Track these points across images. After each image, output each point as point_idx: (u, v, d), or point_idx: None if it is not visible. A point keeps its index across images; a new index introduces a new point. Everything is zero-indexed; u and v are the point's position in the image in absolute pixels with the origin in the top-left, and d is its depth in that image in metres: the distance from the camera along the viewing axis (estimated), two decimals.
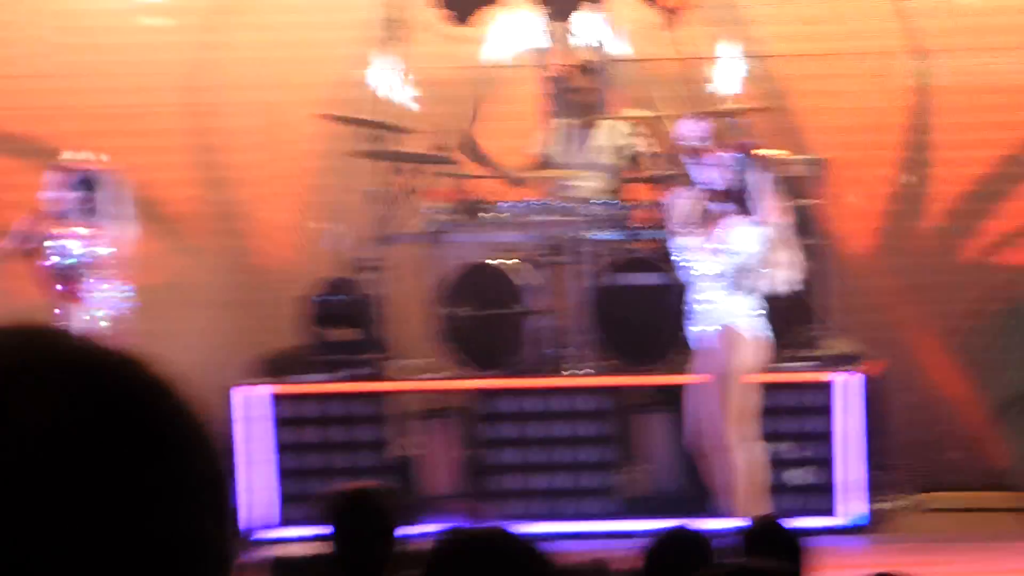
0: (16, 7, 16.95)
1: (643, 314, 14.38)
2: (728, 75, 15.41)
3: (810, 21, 16.58)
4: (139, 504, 1.73)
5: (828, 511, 14.13)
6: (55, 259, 13.80)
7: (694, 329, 13.25)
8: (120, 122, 16.58)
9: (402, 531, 6.86)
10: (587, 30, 16.27)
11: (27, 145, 16.72)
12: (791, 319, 14.38)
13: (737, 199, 13.14)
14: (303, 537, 11.43)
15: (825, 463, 14.21)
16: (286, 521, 14.07)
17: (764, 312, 13.16)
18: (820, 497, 14.22)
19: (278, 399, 14.55)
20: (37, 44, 16.83)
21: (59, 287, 13.82)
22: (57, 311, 13.47)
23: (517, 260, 14.72)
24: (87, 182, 13.83)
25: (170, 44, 16.79)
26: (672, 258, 13.79)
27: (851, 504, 14.16)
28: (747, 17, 16.37)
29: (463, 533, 4.07)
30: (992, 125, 16.63)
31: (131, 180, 16.21)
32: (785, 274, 13.21)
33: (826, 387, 14.22)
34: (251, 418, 14.48)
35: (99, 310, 13.64)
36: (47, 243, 13.99)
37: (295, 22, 16.76)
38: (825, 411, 14.27)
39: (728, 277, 13.04)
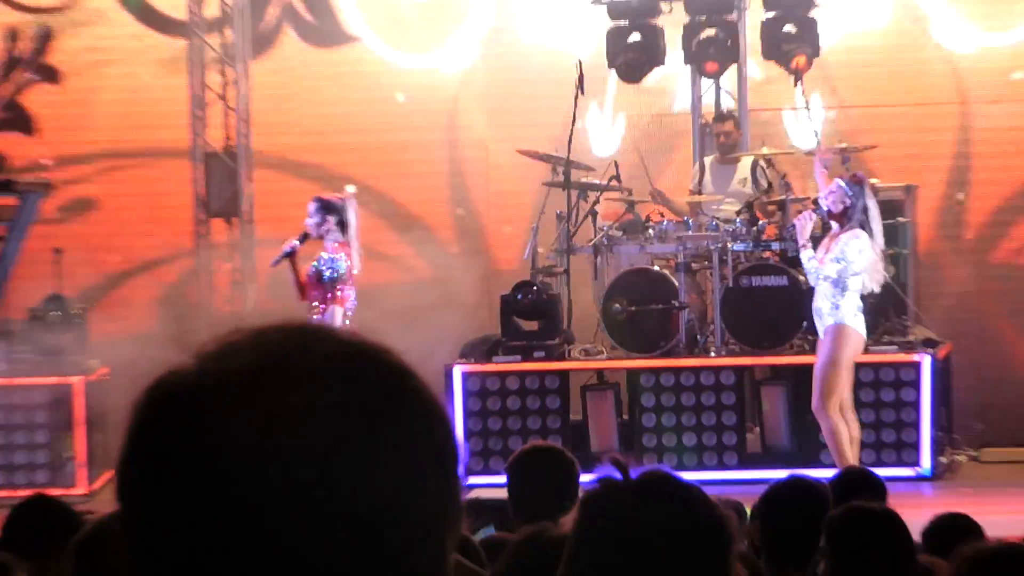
0: (310, 79, 16.92)
1: (768, 309, 14.16)
2: (830, 121, 15.30)
3: (880, 78, 16.39)
4: (412, 464, 1.69)
5: (916, 463, 13.89)
6: (314, 269, 13.63)
7: (816, 323, 13.04)
8: (391, 157, 16.64)
9: (574, 482, 6.68)
10: (732, 86, 16.22)
11: (320, 172, 16.72)
12: (887, 311, 14.34)
13: (849, 218, 12.96)
14: (490, 484, 11.26)
15: (912, 425, 13.97)
16: (471, 472, 13.78)
17: (863, 310, 12.93)
18: (909, 450, 13.98)
19: (472, 375, 14.39)
20: (332, 103, 16.84)
21: (317, 291, 13.66)
22: (314, 311, 13.37)
23: (670, 267, 14.55)
24: (336, 209, 13.84)
25: (426, 100, 16.72)
26: (796, 265, 13.68)
27: (927, 457, 13.95)
28: (837, 75, 16.19)
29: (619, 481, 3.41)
30: (1018, 164, 16.39)
31: (397, 201, 16.30)
32: (879, 277, 13.14)
33: (916, 365, 13.98)
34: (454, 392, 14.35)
35: (346, 309, 13.62)
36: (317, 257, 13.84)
37: (519, 79, 16.57)
38: (914, 384, 13.99)
39: (837, 282, 12.84)
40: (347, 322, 13.42)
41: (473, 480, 13.20)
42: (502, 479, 6.97)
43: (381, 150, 16.72)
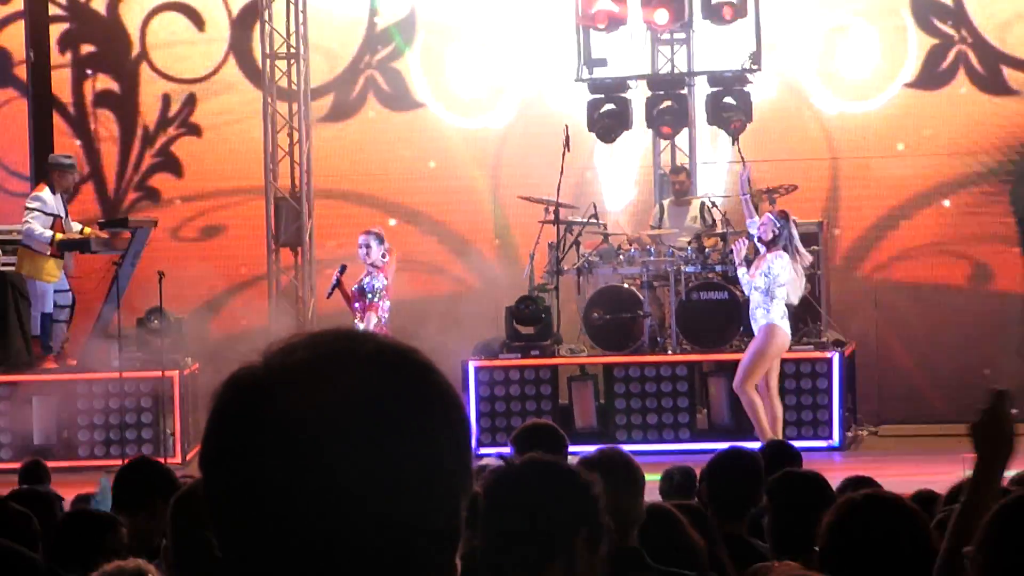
0: (387, 134, 16.73)
1: (712, 317, 14.09)
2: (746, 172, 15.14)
3: (771, 136, 16.19)
4: (433, 439, 1.67)
5: (828, 436, 13.87)
6: (357, 286, 13.54)
7: (752, 324, 12.97)
8: (450, 195, 16.54)
9: (563, 450, 6.50)
10: (683, 143, 16.08)
11: (393, 207, 16.67)
12: (806, 319, 14.23)
13: (777, 243, 12.92)
14: (496, 453, 11.23)
15: (825, 407, 13.92)
16: (481, 444, 13.69)
17: (788, 314, 12.89)
18: (823, 427, 13.93)
19: (482, 368, 14.25)
20: (404, 153, 16.68)
21: (359, 302, 13.55)
22: (358, 318, 13.21)
23: (637, 284, 14.42)
24: (378, 237, 13.71)
25: (474, 152, 16.56)
26: (734, 283, 13.61)
27: (837, 432, 13.91)
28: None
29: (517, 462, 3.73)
30: (876, 203, 16.28)
31: (455, 230, 16.09)
32: (799, 292, 13.09)
33: (828, 360, 13.94)
34: (468, 381, 14.17)
35: (380, 316, 13.54)
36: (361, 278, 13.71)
37: (540, 136, 16.04)
38: (826, 375, 13.93)
39: (766, 292, 12.78)
40: (383, 324, 13.38)
41: (483, 450, 13.07)
42: (506, 449, 6.86)
43: (442, 189, 16.57)
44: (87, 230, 14.62)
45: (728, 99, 15.18)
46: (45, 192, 14.38)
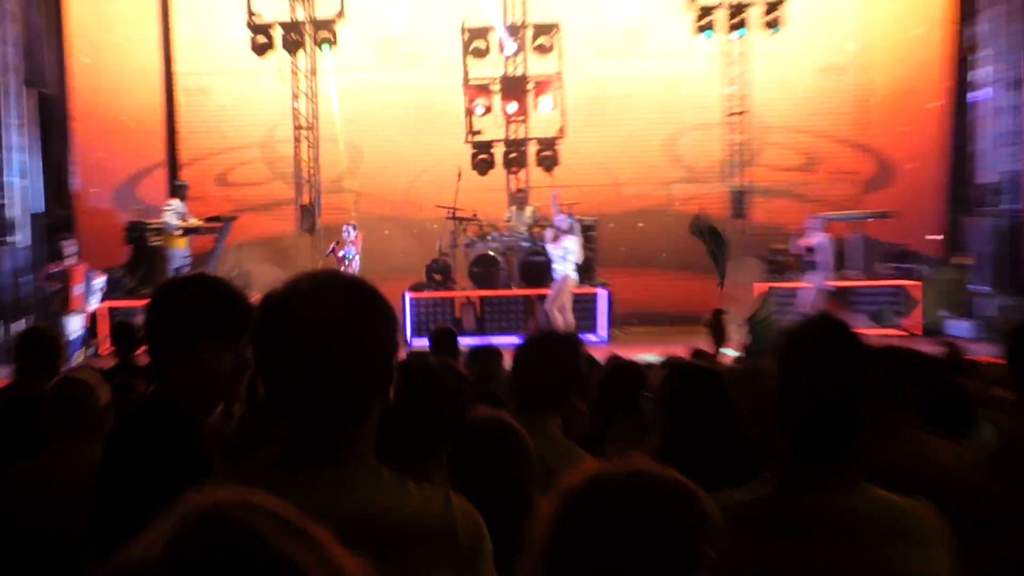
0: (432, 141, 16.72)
1: (536, 270, 14.55)
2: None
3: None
4: (385, 332, 1.76)
5: (597, 333, 13.97)
6: (341, 254, 13.82)
7: (555, 274, 13.37)
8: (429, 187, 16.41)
9: (455, 339, 6.62)
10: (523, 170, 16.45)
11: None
12: (586, 271, 14.45)
13: (569, 232, 13.31)
14: (421, 346, 11.66)
15: (596, 319, 14.19)
16: (414, 338, 13.91)
17: (576, 268, 13.33)
18: (595, 328, 14.00)
19: (414, 298, 14.49)
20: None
21: (341, 264, 13.52)
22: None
23: (497, 252, 14.76)
24: (353, 227, 14.16)
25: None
26: (546, 253, 13.92)
27: (604, 330, 14.21)
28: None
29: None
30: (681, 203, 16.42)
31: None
32: (580, 255, 13.46)
33: (595, 295, 14.29)
34: (405, 305, 14.25)
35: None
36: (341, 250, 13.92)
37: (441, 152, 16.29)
38: (595, 303, 14.22)
39: (563, 257, 13.26)
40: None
41: (415, 340, 13.80)
42: (426, 342, 7.32)
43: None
44: (197, 222, 14.95)
45: (546, 152, 16.26)
46: (175, 201, 15.00)
